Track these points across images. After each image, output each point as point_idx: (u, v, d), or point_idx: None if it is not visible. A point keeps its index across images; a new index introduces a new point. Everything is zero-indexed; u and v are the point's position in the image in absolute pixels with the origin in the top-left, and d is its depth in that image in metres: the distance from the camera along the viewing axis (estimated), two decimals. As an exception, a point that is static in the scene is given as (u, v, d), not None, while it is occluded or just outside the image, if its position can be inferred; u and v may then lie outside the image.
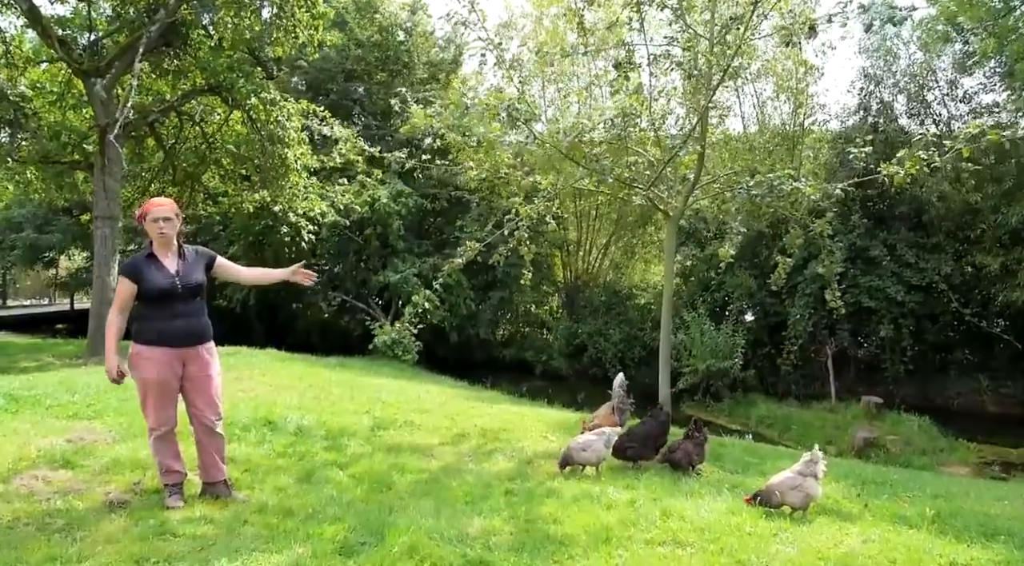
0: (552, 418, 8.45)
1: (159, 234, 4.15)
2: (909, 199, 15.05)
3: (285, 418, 6.62)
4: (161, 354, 4.11)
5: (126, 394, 7.34)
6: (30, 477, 4.55)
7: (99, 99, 10.56)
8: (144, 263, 4.14)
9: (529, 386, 17.52)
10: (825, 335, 15.47)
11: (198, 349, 4.28)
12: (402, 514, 4.30)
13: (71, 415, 6.35)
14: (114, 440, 5.59)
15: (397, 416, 7.44)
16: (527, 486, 5.09)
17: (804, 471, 4.71)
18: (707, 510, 4.57)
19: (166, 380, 4.14)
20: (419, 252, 18.84)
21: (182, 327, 4.18)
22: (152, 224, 4.14)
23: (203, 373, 4.30)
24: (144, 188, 14.39)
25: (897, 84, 16.60)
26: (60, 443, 5.35)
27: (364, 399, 8.44)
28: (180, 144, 13.66)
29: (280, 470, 5.19)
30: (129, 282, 4.07)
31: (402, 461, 5.70)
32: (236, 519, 4.10)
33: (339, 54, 19.44)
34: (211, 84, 11.92)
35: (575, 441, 5.68)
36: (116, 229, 11.35)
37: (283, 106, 12.39)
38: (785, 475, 4.72)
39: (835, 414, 14.00)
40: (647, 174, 6.53)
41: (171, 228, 4.20)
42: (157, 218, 4.14)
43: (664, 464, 5.63)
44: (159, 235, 4.15)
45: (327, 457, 5.66)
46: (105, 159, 10.68)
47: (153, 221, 4.13)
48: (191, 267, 4.30)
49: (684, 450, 5.49)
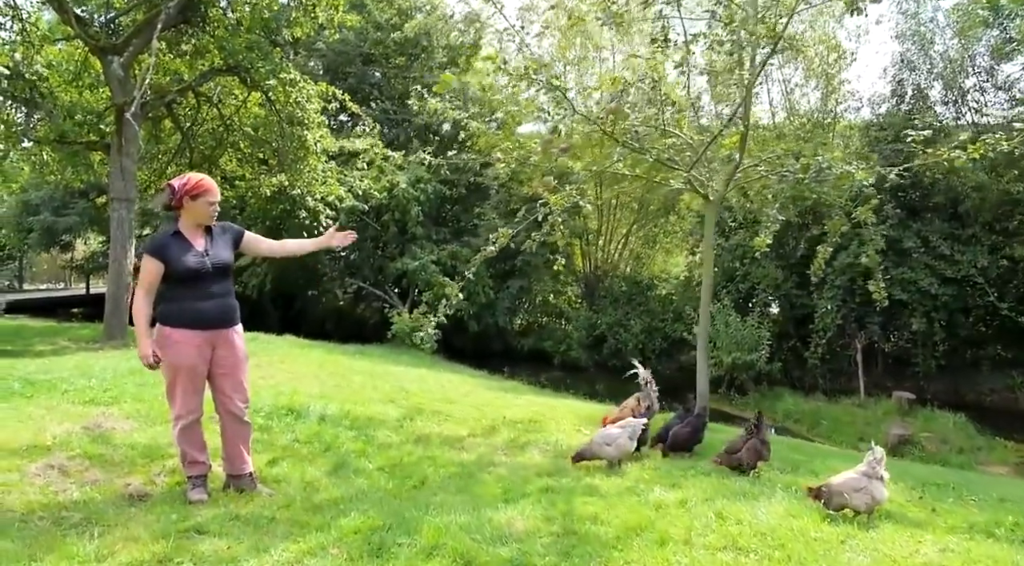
0: (582, 410, 8.15)
1: (211, 215, 3.97)
2: (944, 189, 14.56)
3: (308, 407, 6.36)
4: (192, 337, 3.85)
5: (143, 379, 7.14)
6: (45, 466, 4.31)
7: (116, 78, 10.30)
8: (171, 241, 3.88)
9: (547, 377, 17.26)
10: (854, 328, 15.05)
11: (228, 331, 4.03)
12: (437, 511, 4.01)
13: (87, 400, 6.10)
14: (132, 427, 5.34)
15: (423, 405, 7.17)
16: (565, 482, 4.79)
17: (869, 472, 4.38)
18: (764, 513, 4.25)
19: (196, 365, 3.89)
20: (437, 239, 18.54)
21: (213, 308, 3.93)
22: (205, 205, 3.92)
23: (232, 357, 4.05)
24: (161, 171, 14.15)
25: (932, 71, 16.06)
26: (76, 430, 5.11)
27: (387, 388, 8.18)
28: (197, 126, 13.39)
29: (306, 461, 4.93)
30: (156, 261, 3.80)
31: (433, 453, 5.43)
32: (263, 515, 3.83)
33: (357, 37, 19.10)
34: (229, 64, 11.63)
35: (599, 435, 5.38)
36: (133, 211, 11.11)
37: (302, 87, 12.09)
38: (849, 476, 4.39)
39: (865, 410, 13.61)
40: (687, 155, 6.18)
41: (216, 209, 4.03)
42: (213, 201, 3.94)
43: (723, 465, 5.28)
44: (211, 216, 3.97)
45: (354, 447, 5.39)
46: (122, 139, 10.44)
47: (209, 203, 3.93)
48: (219, 244, 4.04)
49: (752, 450, 5.14)
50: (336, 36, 13.93)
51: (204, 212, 3.92)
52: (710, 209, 6.70)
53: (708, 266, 6.88)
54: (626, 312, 18.93)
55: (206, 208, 3.92)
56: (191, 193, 3.88)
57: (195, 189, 3.89)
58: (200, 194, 3.89)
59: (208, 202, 3.92)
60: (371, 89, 19.16)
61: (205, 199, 3.90)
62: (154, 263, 3.79)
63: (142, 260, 3.85)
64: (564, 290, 20.82)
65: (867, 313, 14.92)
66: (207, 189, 3.92)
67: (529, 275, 18.94)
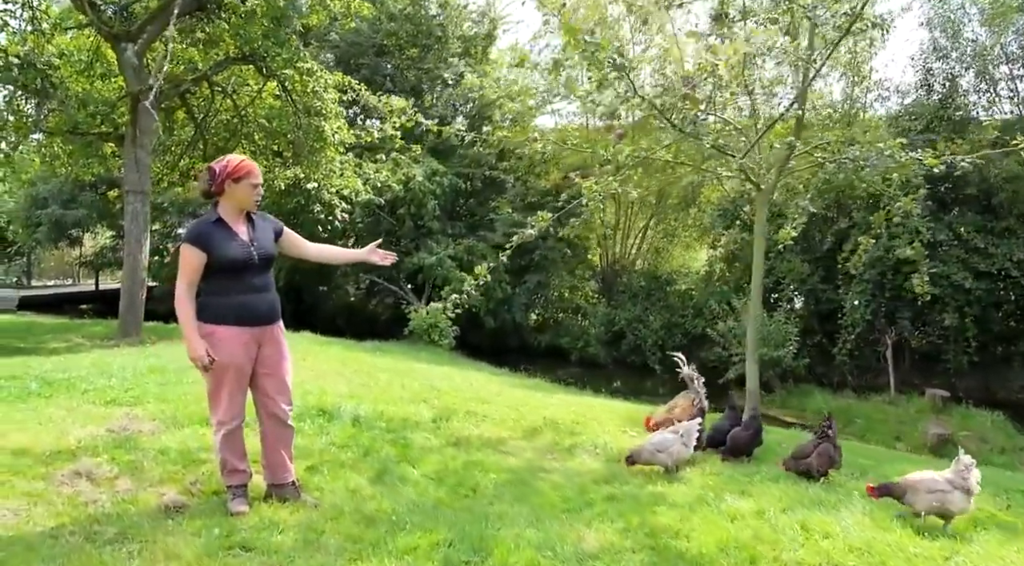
0: (621, 410, 7.83)
1: (255, 199, 3.65)
2: (977, 181, 14.13)
3: (339, 407, 6.02)
4: (238, 334, 3.52)
5: (164, 378, 6.83)
6: (72, 474, 3.98)
7: (130, 66, 9.97)
8: (213, 229, 3.54)
9: (565, 373, 16.91)
10: (883, 324, 14.66)
11: (274, 328, 3.72)
12: (501, 524, 3.69)
13: (109, 400, 5.78)
14: (158, 429, 5.02)
15: (456, 405, 6.84)
16: (628, 490, 4.47)
17: (955, 481, 4.05)
18: (851, 524, 3.92)
19: (243, 364, 3.56)
20: (453, 234, 18.18)
21: (259, 303, 3.61)
22: (249, 188, 3.59)
23: (277, 355, 3.73)
24: (174, 163, 13.83)
25: (962, 60, 15.61)
26: (101, 433, 4.79)
27: (416, 386, 7.83)
28: (211, 117, 13.06)
29: (346, 467, 4.60)
30: (198, 251, 3.46)
31: (478, 458, 5.10)
32: (311, 528, 3.51)
33: (371, 27, 18.73)
34: (245, 53, 11.29)
35: (651, 441, 5.05)
36: (147, 204, 10.78)
37: (319, 76, 11.74)
38: (928, 475, 4.10)
39: (896, 407, 13.25)
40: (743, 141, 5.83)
41: (259, 192, 3.71)
42: (257, 183, 3.63)
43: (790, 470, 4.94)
44: (255, 200, 3.65)
45: (393, 452, 5.06)
46: (136, 130, 10.11)
47: (253, 186, 3.61)
48: (263, 234, 3.72)
49: (823, 455, 4.80)
50: (352, 25, 13.55)
51: (247, 196, 3.60)
52: (761, 198, 6.34)
53: (759, 260, 6.51)
54: (645, 308, 18.56)
55: (249, 191, 3.60)
56: (233, 176, 3.55)
57: (237, 171, 3.57)
58: (243, 176, 3.57)
59: (252, 184, 3.59)
60: (384, 80, 18.78)
61: (248, 181, 3.58)
62: (196, 253, 3.46)
63: (181, 250, 3.52)
64: (581, 285, 20.45)
65: (897, 308, 14.55)
66: (249, 170, 3.59)
67: (547, 270, 18.59)
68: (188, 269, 3.45)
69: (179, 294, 3.45)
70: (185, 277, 3.44)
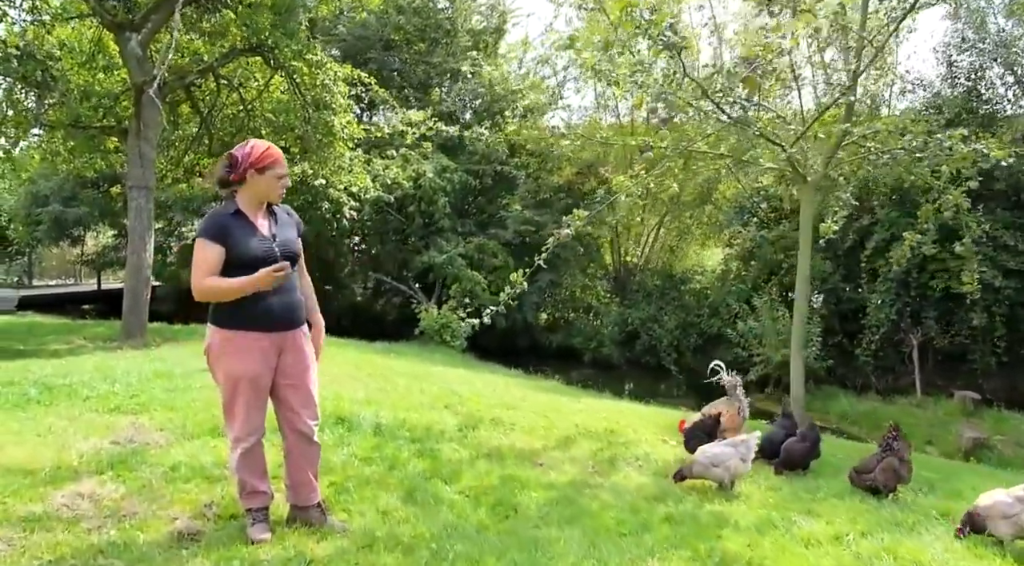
0: (653, 416, 7.41)
1: (280, 191, 3.26)
2: (1006, 176, 13.67)
3: (358, 415, 5.63)
4: (256, 341, 3.12)
5: (171, 384, 6.43)
6: (73, 494, 3.59)
7: (134, 56, 9.57)
8: (232, 222, 3.13)
9: (579, 374, 16.50)
10: (909, 324, 14.22)
11: (296, 333, 3.30)
12: (553, 552, 3.29)
13: (113, 408, 5.39)
14: (167, 442, 4.63)
15: (481, 412, 6.44)
16: (686, 510, 4.06)
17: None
18: (939, 551, 3.51)
19: (261, 374, 3.16)
20: (462, 232, 17.76)
21: (280, 305, 3.20)
22: (274, 179, 3.20)
23: (300, 364, 3.32)
24: (178, 159, 13.43)
25: (988, 52, 15.14)
26: (105, 446, 4.40)
27: (435, 391, 7.43)
28: (217, 111, 12.66)
29: (373, 484, 4.20)
30: (216, 246, 3.06)
31: (513, 472, 4.69)
32: (342, 558, 3.12)
33: (378, 21, 18.32)
34: (252, 43, 10.88)
35: (704, 453, 4.63)
36: (151, 200, 10.38)
37: (329, 69, 11.33)
38: (998, 498, 3.70)
39: (924, 410, 12.81)
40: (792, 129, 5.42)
41: (285, 183, 3.30)
42: (283, 174, 3.23)
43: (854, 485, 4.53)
44: (280, 193, 3.27)
45: (422, 465, 4.66)
46: (140, 123, 9.70)
47: (278, 177, 3.21)
48: (286, 229, 3.33)
49: (889, 470, 4.39)
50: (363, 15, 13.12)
51: (272, 188, 3.21)
52: (806, 192, 5.93)
53: (804, 259, 6.11)
54: (659, 307, 18.13)
55: (274, 183, 3.20)
56: (257, 165, 3.15)
57: (262, 160, 3.16)
58: (268, 165, 3.16)
59: (277, 175, 3.19)
60: (392, 75, 18.37)
61: (274, 172, 3.18)
62: (214, 248, 3.05)
63: (196, 245, 3.11)
64: (593, 285, 20.01)
65: (922, 307, 14.11)
66: (275, 160, 3.19)
67: (559, 269, 18.14)
68: (204, 266, 3.04)
69: (201, 287, 3.04)
70: (202, 273, 3.03)
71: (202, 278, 3.02)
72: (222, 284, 3.03)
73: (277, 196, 3.27)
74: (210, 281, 3.02)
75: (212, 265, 3.03)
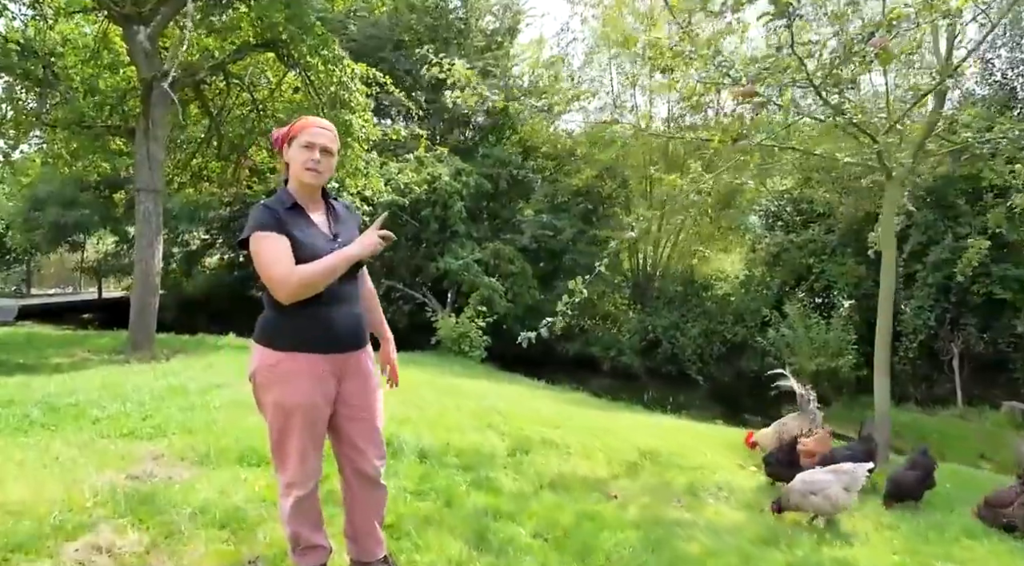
0: (713, 435, 6.84)
1: (310, 169, 2.52)
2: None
3: (399, 437, 5.03)
4: (312, 365, 2.51)
5: (187, 402, 5.80)
6: (88, 546, 2.99)
7: (142, 50, 9.00)
8: (289, 216, 2.53)
9: (598, 384, 15.90)
10: (948, 331, 13.66)
11: (360, 354, 2.68)
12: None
13: (126, 433, 4.78)
14: (191, 475, 4.03)
15: (527, 432, 5.87)
16: (804, 556, 3.46)
17: None
18: None
19: (318, 405, 2.54)
20: (477, 237, 17.17)
21: (343, 320, 2.58)
22: (300, 151, 2.52)
23: (364, 392, 2.70)
24: (185, 162, 12.84)
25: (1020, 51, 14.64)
26: (121, 481, 3.79)
27: (472, 407, 6.85)
28: (227, 112, 12.09)
29: (434, 525, 3.60)
30: (279, 236, 2.44)
31: (587, 507, 4.10)
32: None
33: (390, 20, 17.78)
34: (267, 39, 10.33)
35: (803, 481, 4.07)
36: (160, 204, 9.79)
37: (347, 65, 10.77)
38: None
39: (968, 422, 12.23)
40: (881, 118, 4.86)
41: (328, 166, 2.59)
42: (312, 144, 2.51)
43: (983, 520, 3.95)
44: (310, 172, 2.53)
45: (483, 500, 4.06)
46: (149, 121, 9.12)
47: (305, 147, 2.51)
48: (348, 227, 2.72)
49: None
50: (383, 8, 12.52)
51: (298, 160, 2.54)
52: (892, 188, 5.36)
53: (889, 264, 5.52)
54: (681, 314, 17.55)
55: (301, 156, 2.52)
56: (289, 136, 2.56)
57: (292, 130, 2.56)
58: (295, 135, 2.54)
59: (301, 145, 2.51)
60: (405, 76, 17.81)
61: (298, 141, 2.53)
62: (278, 239, 2.43)
63: (255, 242, 2.49)
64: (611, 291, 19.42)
65: (962, 314, 13.56)
66: (304, 125, 2.55)
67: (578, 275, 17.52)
68: (285, 258, 2.40)
69: (293, 282, 2.38)
70: (284, 268, 2.39)
71: (289, 271, 2.38)
72: (317, 268, 2.38)
73: (308, 175, 2.54)
74: (303, 270, 2.37)
75: (287, 254, 2.40)
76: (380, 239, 2.44)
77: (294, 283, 2.36)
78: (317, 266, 2.39)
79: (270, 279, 2.40)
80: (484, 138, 19.37)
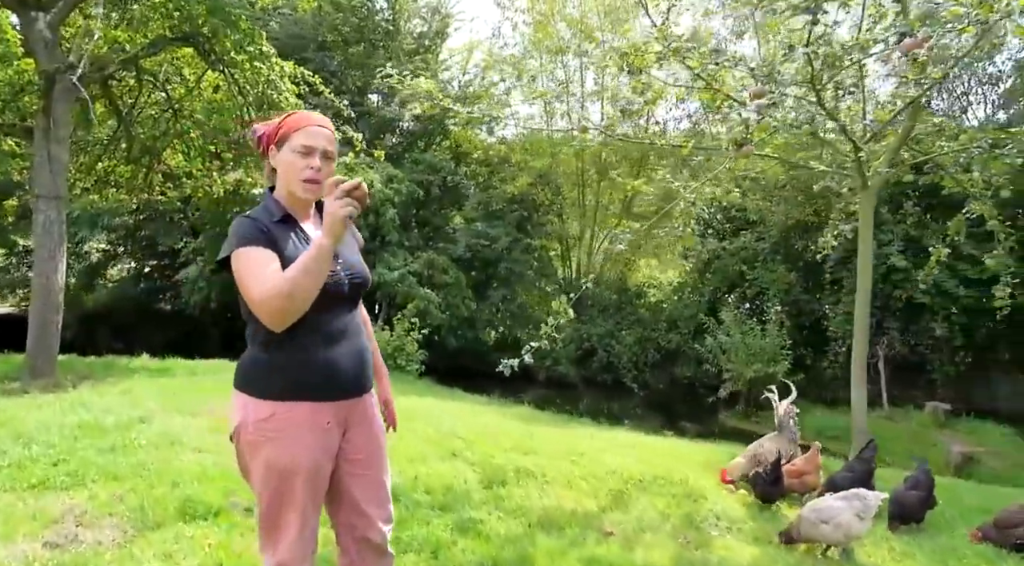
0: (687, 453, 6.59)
1: (309, 182, 2.04)
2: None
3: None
4: (312, 415, 2.03)
5: (105, 441, 4.96)
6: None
7: (43, 40, 7.99)
8: (279, 229, 2.04)
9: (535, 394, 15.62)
10: (873, 334, 14.16)
11: (366, 399, 2.21)
12: None
13: (36, 483, 4.03)
14: (125, 536, 3.40)
15: (498, 460, 5.46)
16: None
17: None
18: None
19: (320, 465, 2.05)
20: (409, 246, 16.56)
21: (349, 358, 2.10)
22: (293, 156, 2.04)
23: (371, 443, 2.23)
24: (90, 166, 11.65)
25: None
26: (38, 552, 3.14)
27: (430, 433, 6.36)
28: (138, 111, 11.04)
29: (429, 585, 3.13)
30: (266, 251, 1.95)
31: (594, 553, 3.71)
32: None
33: (314, 19, 16.96)
34: (185, 32, 9.46)
35: (813, 509, 3.86)
36: (63, 212, 8.74)
37: (275, 63, 10.01)
38: None
39: (896, 423, 12.67)
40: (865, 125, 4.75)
41: (328, 174, 2.07)
42: (310, 148, 2.03)
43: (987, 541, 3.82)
44: (309, 185, 2.05)
45: (473, 548, 3.63)
46: (50, 120, 8.11)
47: (301, 153, 2.03)
48: (349, 247, 2.24)
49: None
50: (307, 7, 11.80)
51: (292, 172, 2.06)
52: (868, 198, 5.29)
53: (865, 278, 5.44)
54: (616, 322, 17.52)
55: (293, 161, 2.05)
56: (276, 135, 2.08)
57: (282, 127, 2.08)
58: (286, 135, 2.06)
59: (297, 149, 2.04)
60: (330, 78, 17.02)
61: (289, 144, 2.05)
62: (264, 253, 1.94)
63: (237, 258, 1.95)
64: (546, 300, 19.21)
65: (885, 318, 14.08)
66: (298, 124, 2.07)
67: (512, 283, 17.23)
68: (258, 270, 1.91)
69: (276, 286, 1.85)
70: (259, 284, 1.88)
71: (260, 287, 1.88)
72: (297, 270, 1.86)
73: (306, 189, 2.06)
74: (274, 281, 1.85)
75: (270, 268, 1.90)
76: (346, 196, 1.85)
77: (284, 294, 1.84)
78: (295, 268, 1.87)
79: (251, 300, 1.90)
80: (413, 144, 18.81)
